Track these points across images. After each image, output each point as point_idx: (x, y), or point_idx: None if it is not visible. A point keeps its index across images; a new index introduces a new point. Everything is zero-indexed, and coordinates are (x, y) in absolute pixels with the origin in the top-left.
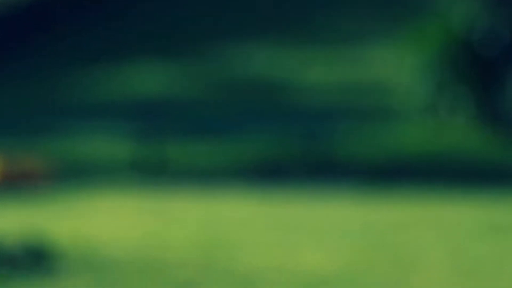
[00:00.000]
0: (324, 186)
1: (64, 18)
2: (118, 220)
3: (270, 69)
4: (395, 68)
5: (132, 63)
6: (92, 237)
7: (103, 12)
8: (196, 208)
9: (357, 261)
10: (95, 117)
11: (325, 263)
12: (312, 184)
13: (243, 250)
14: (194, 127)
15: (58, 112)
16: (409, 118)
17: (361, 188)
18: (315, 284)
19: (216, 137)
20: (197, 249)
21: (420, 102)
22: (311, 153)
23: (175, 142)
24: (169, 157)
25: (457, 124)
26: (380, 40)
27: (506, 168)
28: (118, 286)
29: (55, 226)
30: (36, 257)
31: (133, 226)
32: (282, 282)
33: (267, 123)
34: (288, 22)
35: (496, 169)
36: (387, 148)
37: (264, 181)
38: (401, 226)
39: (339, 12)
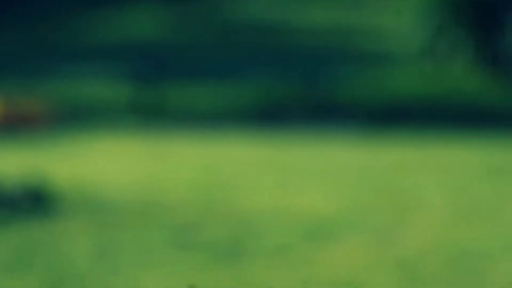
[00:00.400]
0: (323, 129)
1: None
2: (117, 162)
3: (269, 13)
4: (394, 11)
5: (131, 7)
6: (91, 179)
7: None
8: (195, 150)
9: (357, 203)
10: (94, 60)
11: (325, 205)
12: (311, 127)
13: (243, 193)
14: (193, 70)
15: (58, 55)
16: (408, 61)
17: (361, 131)
18: (315, 226)
19: (215, 80)
20: (196, 191)
21: (419, 46)
22: (311, 96)
23: (175, 85)
24: (168, 100)
25: (457, 67)
26: None
27: (505, 111)
28: (117, 228)
29: (55, 168)
30: (35, 199)
31: (132, 168)
32: (281, 224)
33: (266, 66)
34: None
35: (495, 112)
36: (386, 91)
37: (264, 124)
38: (401, 169)
39: None
